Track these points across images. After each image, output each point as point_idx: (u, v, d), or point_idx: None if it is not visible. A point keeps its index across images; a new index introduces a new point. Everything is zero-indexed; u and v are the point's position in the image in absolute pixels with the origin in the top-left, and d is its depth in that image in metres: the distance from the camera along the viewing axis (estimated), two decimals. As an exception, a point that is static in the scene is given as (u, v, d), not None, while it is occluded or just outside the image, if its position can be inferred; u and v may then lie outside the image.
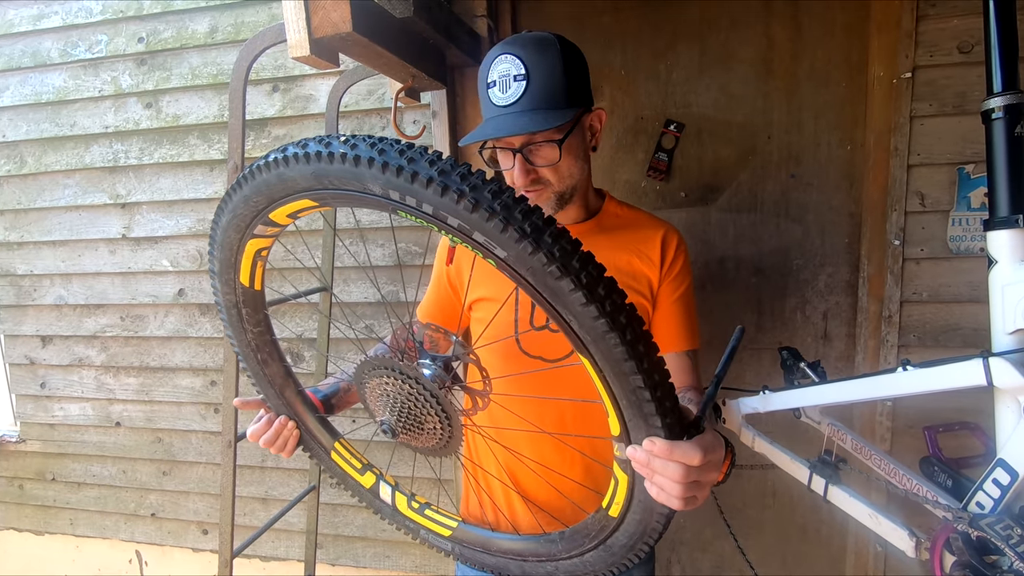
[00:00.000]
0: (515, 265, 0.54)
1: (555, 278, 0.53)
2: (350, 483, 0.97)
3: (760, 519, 1.73)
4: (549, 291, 0.54)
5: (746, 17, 1.55)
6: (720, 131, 1.61)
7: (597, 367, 0.57)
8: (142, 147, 1.97)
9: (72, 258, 2.12)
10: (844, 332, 1.61)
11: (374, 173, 0.55)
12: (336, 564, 2.05)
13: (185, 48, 1.87)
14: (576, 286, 0.52)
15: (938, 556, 0.75)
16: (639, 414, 0.58)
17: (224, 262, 0.78)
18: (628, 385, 0.56)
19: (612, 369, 0.56)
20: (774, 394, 0.98)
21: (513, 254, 0.53)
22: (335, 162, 0.57)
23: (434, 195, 0.53)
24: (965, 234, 1.42)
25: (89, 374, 2.19)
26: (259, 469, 2.06)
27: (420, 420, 0.73)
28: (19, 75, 2.04)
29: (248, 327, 0.84)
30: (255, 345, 0.87)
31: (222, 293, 0.82)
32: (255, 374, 0.89)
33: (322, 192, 0.62)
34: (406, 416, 0.73)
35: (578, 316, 0.54)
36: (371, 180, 0.56)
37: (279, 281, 1.93)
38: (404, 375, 0.71)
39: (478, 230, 0.53)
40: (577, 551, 0.77)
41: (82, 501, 2.31)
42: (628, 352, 0.54)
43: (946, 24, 1.37)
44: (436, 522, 0.93)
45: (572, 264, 0.52)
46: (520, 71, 0.84)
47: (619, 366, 0.55)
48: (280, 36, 1.20)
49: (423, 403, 0.71)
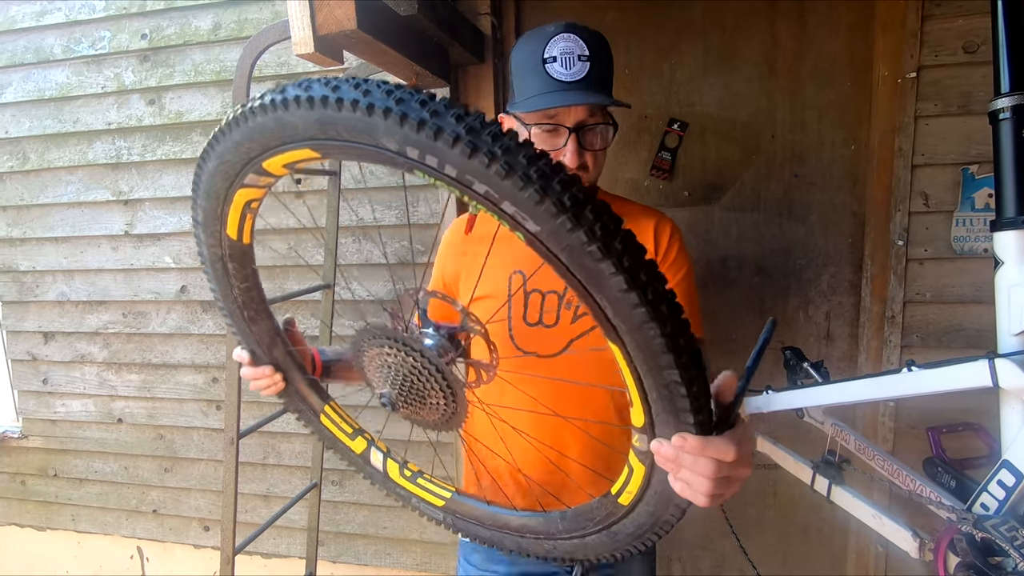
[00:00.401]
0: (548, 241, 0.48)
1: (595, 259, 0.47)
2: (340, 448, 0.94)
3: (762, 518, 1.73)
4: (585, 273, 0.49)
5: (750, 16, 1.54)
6: (724, 130, 1.61)
7: (628, 357, 0.52)
8: (145, 144, 1.97)
9: (74, 254, 2.12)
10: (847, 332, 1.61)
11: (390, 126, 0.48)
12: (337, 561, 2.06)
13: (188, 45, 1.87)
14: (617, 270, 0.47)
15: (942, 557, 0.75)
16: (670, 408, 0.54)
17: (209, 212, 0.71)
18: (662, 379, 0.52)
19: (647, 361, 0.51)
20: (778, 394, 0.98)
21: (547, 229, 0.48)
22: (344, 110, 0.50)
23: (460, 156, 0.47)
24: (969, 235, 1.42)
25: (91, 370, 2.20)
26: (261, 466, 2.07)
27: (423, 393, 0.69)
28: (22, 71, 2.04)
29: (235, 282, 0.80)
30: (242, 301, 0.82)
31: (207, 245, 0.76)
32: (241, 331, 0.86)
33: (326, 143, 0.55)
34: (408, 389, 0.69)
35: (615, 302, 0.49)
36: (386, 134, 0.49)
37: (281, 278, 1.93)
38: (407, 346, 0.66)
39: (508, 199, 0.48)
40: (579, 533, 0.74)
41: (84, 497, 2.31)
42: (667, 344, 0.49)
43: (951, 24, 1.36)
44: (429, 491, 0.89)
45: (614, 245, 0.47)
46: (585, 52, 0.86)
47: (655, 359, 0.51)
48: (284, 33, 1.20)
49: (426, 376, 0.67)
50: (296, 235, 1.89)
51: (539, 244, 0.49)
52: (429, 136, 0.47)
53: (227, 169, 0.64)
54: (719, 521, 1.06)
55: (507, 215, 0.49)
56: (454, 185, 0.49)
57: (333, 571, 2.07)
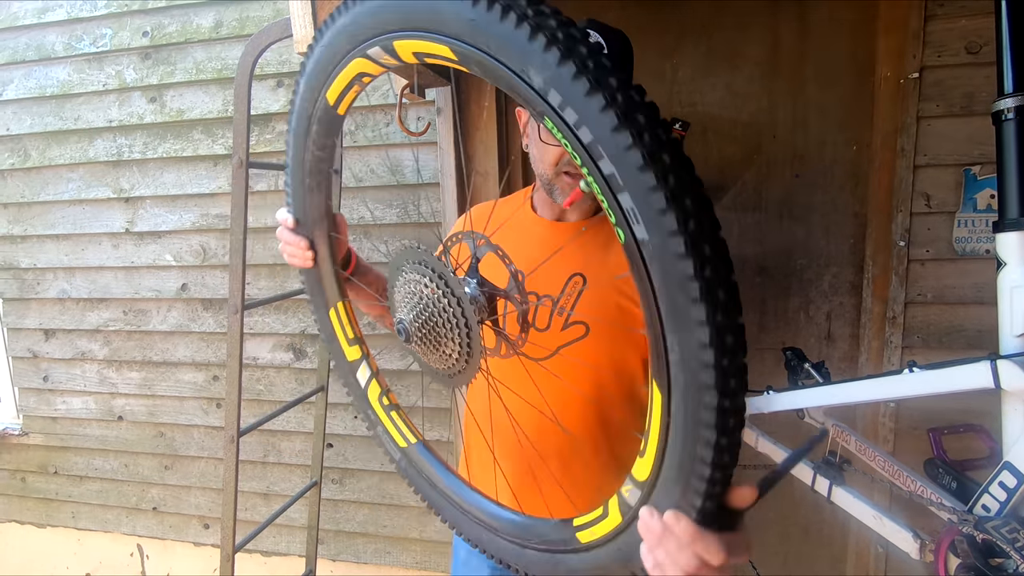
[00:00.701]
0: (648, 257, 0.43)
1: (690, 299, 0.41)
2: (334, 348, 0.92)
3: (761, 519, 1.73)
4: (672, 308, 0.43)
5: (753, 16, 1.54)
6: (726, 130, 1.60)
7: (668, 408, 0.47)
8: (146, 141, 1.97)
9: (75, 252, 2.12)
10: (848, 333, 1.61)
11: (547, 60, 0.42)
12: (337, 560, 2.06)
13: (190, 42, 1.87)
14: (709, 322, 0.41)
15: (943, 558, 0.75)
16: (682, 480, 0.48)
17: (319, 66, 0.67)
18: (691, 451, 0.46)
19: (687, 424, 0.46)
20: (778, 394, 0.98)
21: (658, 244, 0.41)
22: (506, 22, 0.44)
23: (607, 125, 0.41)
24: (971, 236, 1.42)
25: (92, 368, 2.20)
26: (261, 464, 2.07)
27: (440, 338, 0.66)
28: (23, 68, 2.04)
29: (312, 147, 0.76)
30: (310, 167, 0.79)
31: (300, 98, 0.72)
32: (295, 197, 0.83)
33: (469, 49, 0.48)
34: (428, 327, 0.66)
35: (687, 352, 0.43)
36: (537, 67, 0.43)
37: (282, 277, 1.93)
38: (447, 285, 0.63)
39: (632, 194, 0.41)
40: (522, 541, 0.70)
41: (84, 494, 2.31)
42: (717, 420, 0.44)
43: (954, 24, 1.36)
44: (396, 428, 0.87)
45: (717, 292, 0.41)
46: (603, 49, 0.85)
47: (698, 429, 0.45)
48: (286, 31, 1.19)
49: (452, 323, 0.63)
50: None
51: (636, 252, 0.44)
52: (585, 86, 0.41)
53: (356, 31, 0.60)
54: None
55: (618, 207, 0.43)
56: (578, 152, 0.44)
57: (333, 569, 2.07)
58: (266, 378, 2.01)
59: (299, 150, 0.77)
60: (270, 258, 1.92)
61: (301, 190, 0.81)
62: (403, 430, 0.87)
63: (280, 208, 0.88)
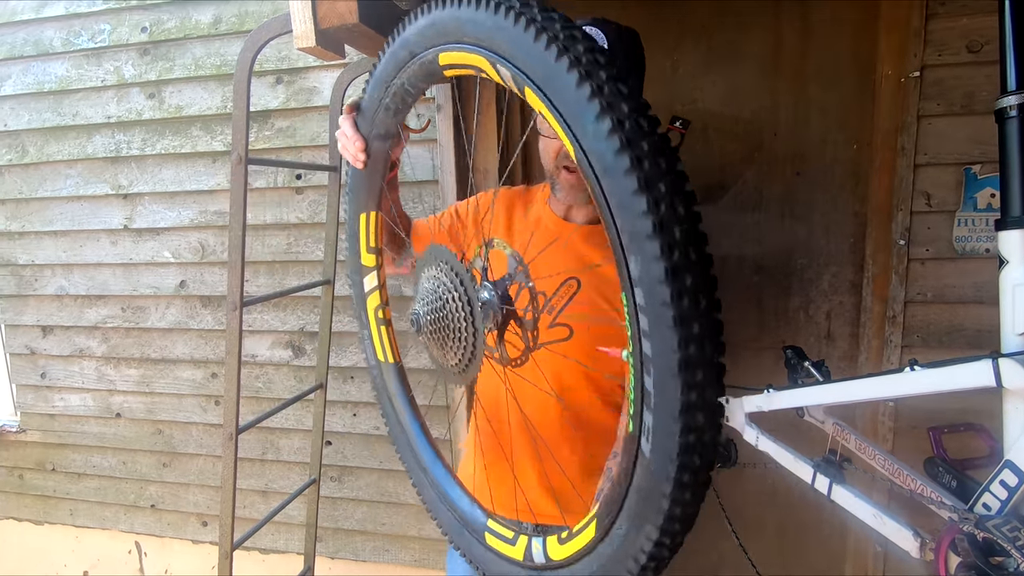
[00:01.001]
0: (646, 356, 0.47)
1: (682, 410, 0.46)
2: (352, 247, 0.96)
3: (760, 518, 1.73)
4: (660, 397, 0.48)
5: (754, 14, 1.54)
6: (726, 128, 1.60)
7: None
8: (144, 138, 1.96)
9: (73, 248, 2.11)
10: (847, 332, 1.61)
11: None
12: (335, 557, 2.06)
13: (188, 38, 1.86)
14: (684, 414, 0.45)
15: (943, 557, 0.75)
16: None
17: (451, 25, 0.66)
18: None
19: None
20: (779, 393, 0.97)
21: (658, 349, 0.46)
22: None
23: (627, 188, 0.45)
24: (971, 235, 1.41)
25: (90, 365, 2.19)
26: (259, 462, 2.06)
27: (445, 335, 0.69)
28: (21, 64, 2.03)
29: (404, 77, 0.76)
30: (393, 91, 0.79)
31: (415, 31, 0.71)
32: (370, 106, 0.83)
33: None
34: (437, 323, 0.70)
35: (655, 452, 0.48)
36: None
37: (281, 274, 1.93)
38: (464, 288, 0.66)
39: (640, 275, 0.46)
40: (440, 494, 0.81)
41: (82, 492, 2.31)
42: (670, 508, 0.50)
43: (955, 23, 1.36)
44: (381, 341, 0.94)
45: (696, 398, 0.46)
46: (603, 43, 0.86)
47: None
48: (285, 27, 1.19)
49: (460, 326, 0.67)
50: (296, 230, 1.88)
51: (636, 330, 0.48)
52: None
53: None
54: (717, 521, 1.05)
55: (628, 279, 0.48)
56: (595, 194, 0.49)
57: (331, 567, 2.07)
58: (265, 375, 2.01)
59: (389, 73, 0.77)
60: (269, 255, 1.91)
61: (378, 106, 0.82)
62: (386, 346, 0.94)
63: (343, 115, 0.88)
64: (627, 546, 0.53)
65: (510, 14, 0.53)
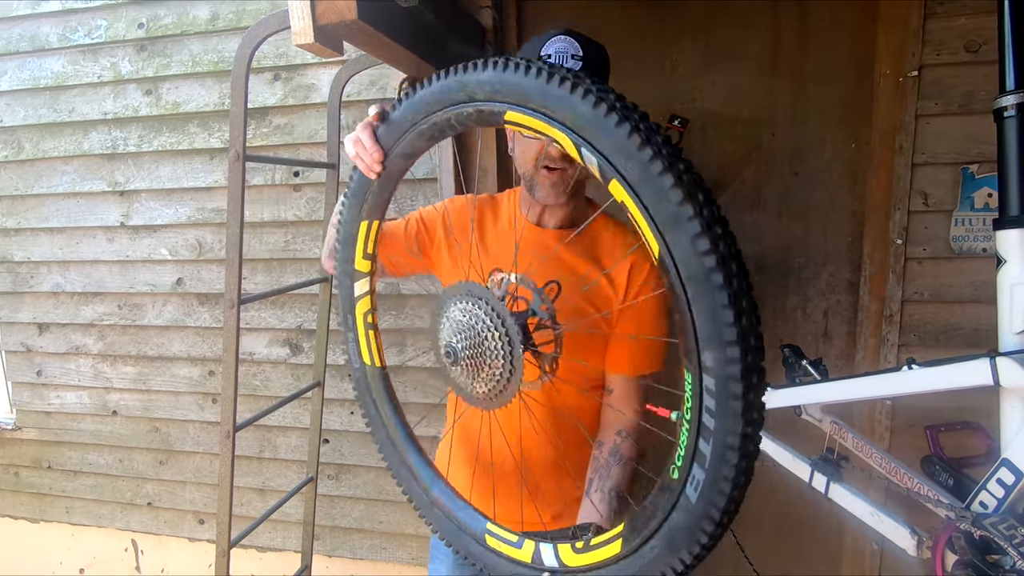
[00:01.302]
0: (707, 427, 0.56)
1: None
2: (347, 251, 0.96)
3: (758, 516, 1.74)
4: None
5: (753, 13, 1.54)
6: (725, 127, 1.60)
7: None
8: (141, 134, 1.95)
9: (70, 245, 2.10)
10: (845, 331, 1.61)
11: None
12: (333, 556, 2.05)
13: (186, 35, 1.85)
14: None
15: (940, 555, 0.75)
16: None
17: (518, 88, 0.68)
18: None
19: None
20: (778, 391, 0.98)
21: (721, 428, 0.55)
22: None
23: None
24: (968, 234, 1.42)
25: (86, 362, 2.18)
26: (257, 460, 2.06)
27: (479, 368, 0.74)
28: (17, 59, 2.02)
29: (453, 114, 0.77)
30: (436, 121, 0.80)
31: (476, 79, 0.72)
32: (396, 125, 0.84)
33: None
34: (474, 357, 0.73)
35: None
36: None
37: (279, 271, 1.92)
38: (506, 331, 0.70)
39: (715, 366, 0.55)
40: (433, 499, 0.86)
41: (78, 489, 2.30)
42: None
43: (954, 23, 1.36)
44: (368, 344, 0.96)
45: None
46: (579, 53, 0.90)
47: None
48: (283, 23, 1.18)
49: (498, 362, 0.71)
50: (294, 228, 1.88)
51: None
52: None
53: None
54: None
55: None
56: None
57: (328, 565, 2.07)
58: (262, 373, 2.00)
59: (435, 106, 0.77)
60: (267, 253, 1.91)
61: (410, 126, 0.82)
62: (372, 350, 0.96)
63: (363, 124, 0.87)
64: (657, 563, 0.63)
65: (612, 114, 0.56)
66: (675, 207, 0.54)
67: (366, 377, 0.97)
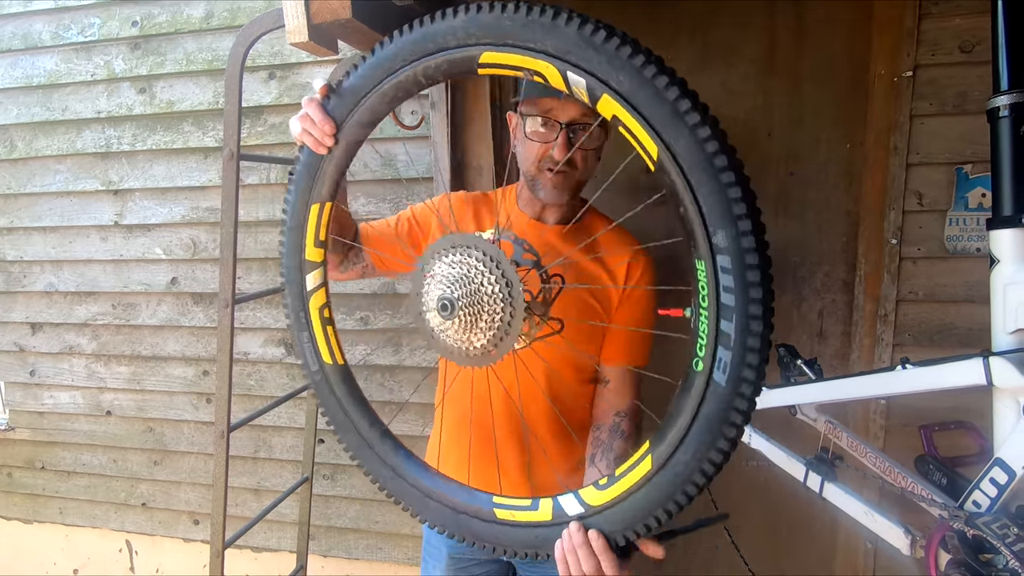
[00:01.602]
0: (725, 306, 0.61)
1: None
2: (294, 239, 0.91)
3: (753, 515, 1.74)
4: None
5: (748, 14, 1.54)
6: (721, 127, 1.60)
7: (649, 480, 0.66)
8: (135, 133, 1.94)
9: (63, 245, 2.09)
10: (840, 330, 1.62)
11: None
12: (328, 556, 2.05)
13: (180, 33, 1.84)
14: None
15: (933, 554, 0.75)
16: (628, 525, 0.67)
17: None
18: (652, 515, 0.66)
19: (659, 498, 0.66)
20: (773, 390, 0.98)
21: (741, 300, 0.59)
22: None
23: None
24: (962, 234, 1.42)
25: (80, 362, 2.17)
26: (252, 460, 2.05)
27: (477, 318, 0.72)
28: (9, 57, 2.00)
29: (421, 66, 0.77)
30: (403, 80, 0.79)
31: (424, 34, 0.74)
32: (359, 89, 0.83)
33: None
34: (471, 306, 0.71)
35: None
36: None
37: (274, 271, 1.91)
38: (502, 270, 0.70)
39: (728, 245, 0.60)
40: (422, 489, 0.83)
41: (72, 490, 2.29)
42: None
43: (948, 23, 1.36)
44: (327, 342, 0.90)
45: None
46: None
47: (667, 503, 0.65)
48: (278, 22, 1.18)
49: (496, 306, 0.70)
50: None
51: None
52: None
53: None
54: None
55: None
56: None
57: (324, 565, 2.06)
58: (257, 373, 1.99)
59: (399, 60, 0.76)
60: (261, 252, 1.90)
61: (370, 90, 0.80)
62: (333, 347, 0.90)
63: (307, 99, 0.84)
64: (688, 470, 0.63)
65: (599, 31, 0.62)
66: (672, 104, 0.58)
67: (327, 379, 0.90)
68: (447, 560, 1.15)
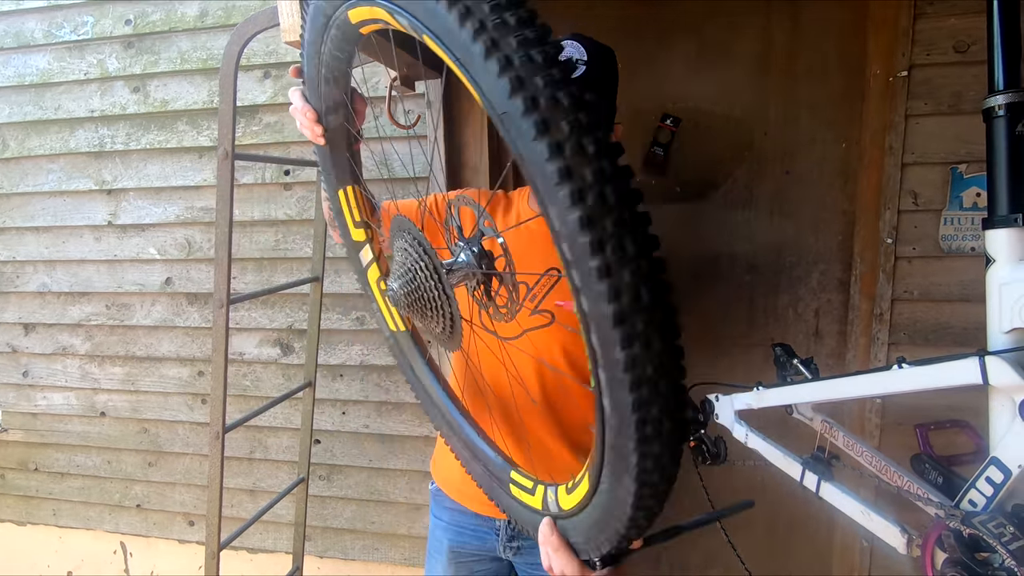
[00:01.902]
0: (583, 312, 0.47)
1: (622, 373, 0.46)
2: (341, 222, 0.96)
3: (749, 514, 1.74)
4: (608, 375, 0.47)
5: (745, 14, 1.54)
6: (717, 126, 1.60)
7: (594, 493, 0.58)
8: (129, 132, 1.93)
9: (56, 245, 2.08)
10: (836, 330, 1.62)
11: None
12: (324, 557, 2.04)
13: (174, 31, 1.83)
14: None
15: (929, 553, 0.75)
16: (593, 537, 0.62)
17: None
18: (609, 535, 0.59)
19: (608, 517, 0.57)
20: (769, 390, 0.98)
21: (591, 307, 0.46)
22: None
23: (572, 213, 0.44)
24: (957, 233, 1.43)
25: (73, 363, 2.16)
26: (247, 461, 2.04)
27: (425, 308, 0.69)
28: (2, 56, 1.99)
29: (330, 46, 0.76)
30: (327, 60, 0.78)
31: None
32: (310, 82, 0.82)
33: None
34: (413, 295, 0.69)
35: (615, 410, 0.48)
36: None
37: (269, 271, 1.91)
38: (430, 260, 0.66)
39: (560, 228, 0.45)
40: (470, 449, 0.84)
41: (65, 491, 2.27)
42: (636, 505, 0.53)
43: (943, 23, 1.37)
44: (389, 312, 0.94)
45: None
46: (583, 57, 0.90)
47: (615, 523, 0.57)
48: (273, 20, 1.17)
49: (433, 294, 0.67)
50: (284, 227, 1.86)
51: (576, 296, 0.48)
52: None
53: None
54: (708, 517, 1.06)
55: (574, 285, 0.48)
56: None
57: (320, 566, 2.05)
58: (252, 374, 1.99)
59: (317, 45, 0.76)
60: (256, 252, 1.89)
61: (318, 79, 0.81)
62: (395, 316, 0.94)
63: (293, 89, 0.86)
64: (614, 498, 0.56)
65: None
66: (469, 38, 0.45)
67: (398, 343, 0.96)
68: (447, 554, 1.16)
